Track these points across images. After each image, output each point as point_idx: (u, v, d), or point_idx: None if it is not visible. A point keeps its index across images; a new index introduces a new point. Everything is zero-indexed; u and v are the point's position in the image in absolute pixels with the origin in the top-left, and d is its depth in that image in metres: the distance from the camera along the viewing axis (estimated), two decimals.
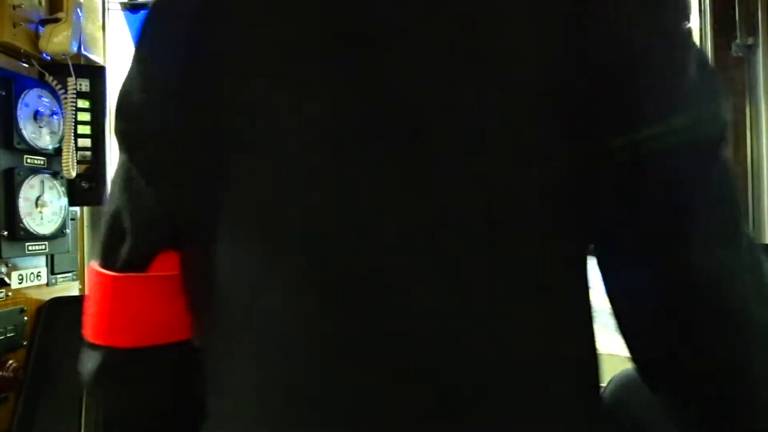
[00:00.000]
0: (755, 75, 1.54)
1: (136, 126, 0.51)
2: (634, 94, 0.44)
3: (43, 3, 1.41)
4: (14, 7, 1.32)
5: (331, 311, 0.45)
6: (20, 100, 1.33)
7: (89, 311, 0.55)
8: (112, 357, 0.53)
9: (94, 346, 0.54)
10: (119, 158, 0.54)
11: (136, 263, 0.52)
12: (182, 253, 0.52)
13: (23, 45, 1.35)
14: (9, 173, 1.30)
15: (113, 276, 0.53)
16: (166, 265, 0.52)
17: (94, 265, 0.55)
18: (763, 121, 1.53)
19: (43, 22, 1.38)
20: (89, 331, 0.54)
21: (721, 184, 0.46)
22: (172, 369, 0.55)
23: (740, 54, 1.55)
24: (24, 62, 1.39)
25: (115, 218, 0.53)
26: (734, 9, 1.54)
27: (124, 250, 0.52)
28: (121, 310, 0.53)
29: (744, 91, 1.56)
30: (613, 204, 0.46)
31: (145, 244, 0.52)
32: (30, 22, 1.37)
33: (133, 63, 0.52)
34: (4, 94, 1.30)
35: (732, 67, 1.58)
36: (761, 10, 1.49)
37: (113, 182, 0.55)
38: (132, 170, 0.52)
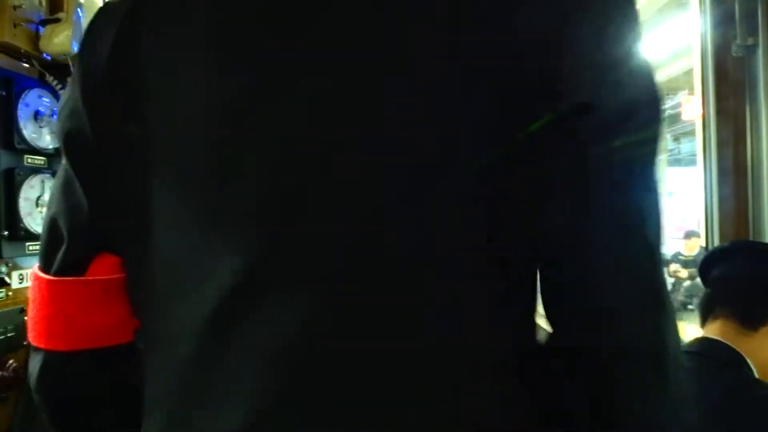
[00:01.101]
0: (755, 75, 1.54)
1: (71, 127, 0.52)
2: (556, 73, 0.43)
3: (44, 3, 1.41)
4: (15, 8, 1.32)
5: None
6: (21, 100, 1.33)
7: (30, 314, 0.55)
8: (52, 360, 0.53)
9: (36, 349, 0.54)
10: (62, 162, 0.55)
11: (72, 267, 0.52)
12: (121, 257, 0.52)
13: (24, 45, 1.35)
14: (9, 173, 1.31)
15: (49, 280, 0.53)
16: (105, 269, 0.52)
17: (35, 269, 0.55)
18: (763, 121, 1.53)
19: (44, 22, 1.39)
20: (31, 334, 0.55)
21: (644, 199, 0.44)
22: (109, 373, 0.55)
23: (740, 54, 1.55)
24: (24, 62, 1.39)
25: (53, 222, 0.54)
26: (734, 9, 1.54)
27: (60, 254, 0.53)
28: (58, 314, 0.53)
29: (744, 91, 1.57)
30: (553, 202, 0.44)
31: (79, 248, 0.53)
32: (30, 22, 1.37)
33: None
34: (4, 94, 1.30)
35: (732, 67, 1.58)
36: (761, 10, 1.50)
37: (54, 187, 0.56)
38: (70, 173, 0.53)
